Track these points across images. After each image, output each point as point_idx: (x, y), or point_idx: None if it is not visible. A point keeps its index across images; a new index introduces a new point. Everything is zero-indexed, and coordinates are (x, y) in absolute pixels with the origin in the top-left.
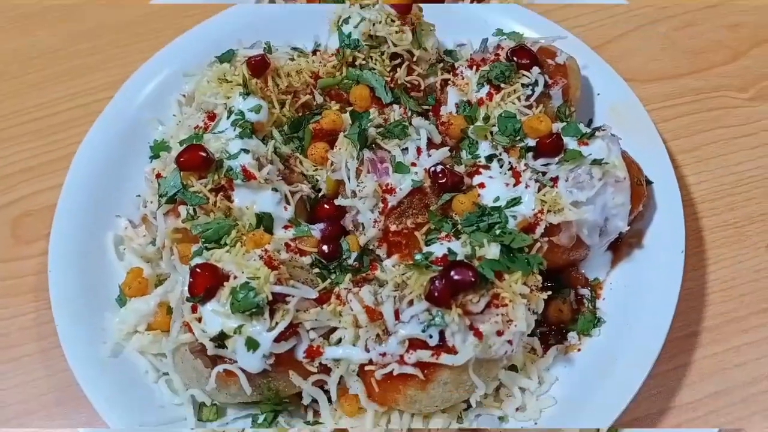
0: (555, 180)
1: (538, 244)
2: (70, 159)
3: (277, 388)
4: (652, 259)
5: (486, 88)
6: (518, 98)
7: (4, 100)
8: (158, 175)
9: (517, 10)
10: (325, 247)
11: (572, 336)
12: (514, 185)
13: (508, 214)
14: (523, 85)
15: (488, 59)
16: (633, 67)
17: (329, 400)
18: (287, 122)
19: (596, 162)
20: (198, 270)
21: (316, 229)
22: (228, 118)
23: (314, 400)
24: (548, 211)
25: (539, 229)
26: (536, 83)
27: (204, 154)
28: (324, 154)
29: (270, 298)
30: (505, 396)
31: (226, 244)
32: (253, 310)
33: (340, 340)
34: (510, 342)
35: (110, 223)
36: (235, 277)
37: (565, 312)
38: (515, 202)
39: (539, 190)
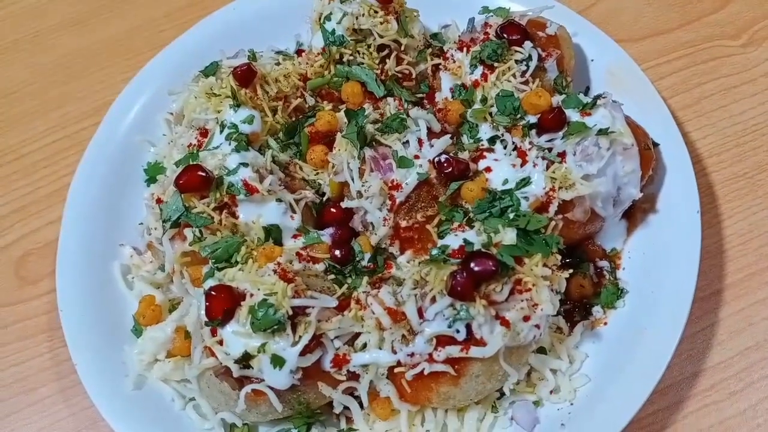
0: (562, 155)
1: (553, 223)
2: (64, 192)
3: (307, 401)
4: (668, 222)
5: (479, 69)
6: (513, 75)
7: None
8: (158, 200)
9: None
10: (337, 252)
11: (597, 310)
12: (522, 165)
13: (520, 195)
14: (516, 61)
15: (477, 39)
16: (622, 26)
17: (361, 405)
18: (282, 129)
19: (602, 132)
20: (213, 293)
21: (326, 235)
22: (221, 132)
23: (346, 408)
24: (560, 187)
25: (552, 208)
26: (530, 58)
27: (203, 174)
28: (323, 156)
29: (290, 312)
30: (537, 380)
31: (237, 262)
32: (275, 327)
33: (365, 345)
34: (538, 326)
35: (115, 252)
36: (252, 295)
37: (587, 287)
38: (525, 182)
39: (548, 167)
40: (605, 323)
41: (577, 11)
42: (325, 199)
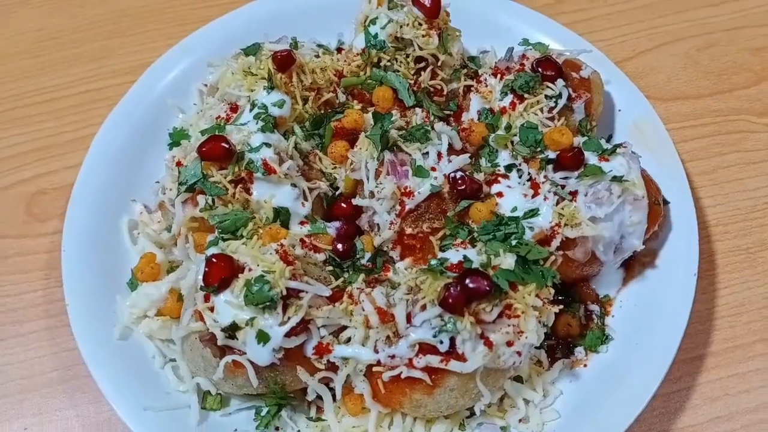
0: (574, 194)
1: (553, 258)
2: (86, 141)
3: (283, 382)
4: (665, 279)
5: (509, 98)
6: (541, 109)
7: (24, 78)
8: (178, 163)
9: (542, 20)
10: (339, 246)
11: (579, 351)
12: (533, 196)
13: (525, 225)
14: (546, 96)
15: (513, 68)
16: (655, 84)
17: (334, 398)
18: (309, 119)
19: (616, 179)
20: (214, 260)
21: (332, 227)
22: (251, 111)
23: (318, 397)
24: (565, 224)
25: (555, 242)
26: (560, 96)
27: (226, 146)
28: (344, 152)
29: (284, 292)
30: (508, 406)
31: (242, 236)
32: (267, 303)
33: (349, 339)
34: (519, 353)
35: (125, 207)
36: (250, 270)
37: (574, 326)
38: (533, 213)
39: (557, 203)
40: (585, 365)
41: (614, 61)
42: (337, 193)
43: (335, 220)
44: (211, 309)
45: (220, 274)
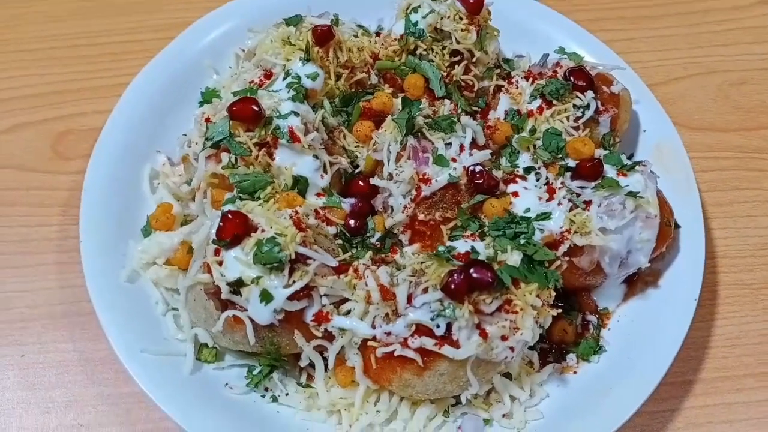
0: (588, 203)
1: (558, 262)
2: (118, 89)
3: (279, 344)
4: (665, 301)
5: (538, 102)
6: (567, 118)
7: (70, 20)
8: (207, 119)
9: (581, 33)
10: (352, 222)
11: (571, 358)
12: (547, 200)
13: (536, 226)
14: (574, 105)
15: (545, 74)
16: (682, 112)
17: (326, 367)
18: (339, 95)
19: (631, 194)
20: (229, 216)
21: (347, 203)
22: (284, 79)
23: (310, 365)
24: (575, 231)
25: (563, 248)
26: (588, 107)
27: (256, 108)
28: (369, 132)
29: (293, 256)
30: (494, 400)
31: (259, 198)
32: (275, 264)
33: (349, 312)
34: (512, 349)
35: (149, 156)
36: (263, 231)
37: (569, 333)
38: (545, 216)
39: (570, 209)
40: (575, 372)
41: (647, 83)
42: (356, 171)
43: (351, 196)
44: (220, 263)
45: (234, 230)
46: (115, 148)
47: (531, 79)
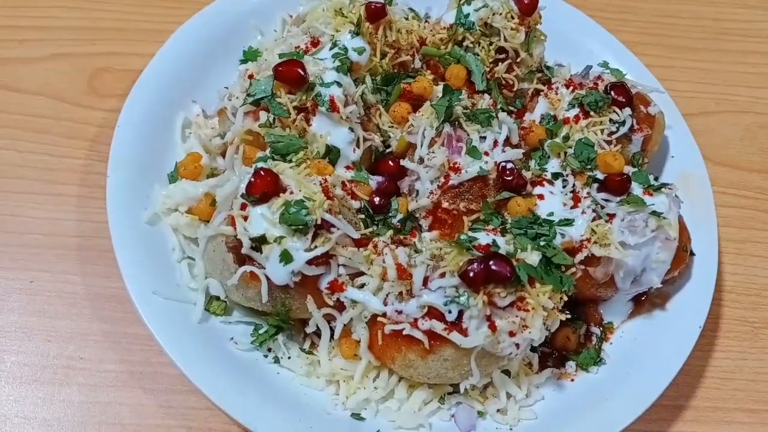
0: (611, 216)
1: (574, 269)
2: (162, 35)
3: (290, 307)
4: (669, 324)
5: (575, 110)
6: (602, 130)
7: None
8: (250, 76)
9: (625, 53)
10: (376, 199)
11: (570, 365)
12: (572, 207)
13: (558, 230)
14: (611, 120)
15: (586, 85)
16: (709, 145)
17: (331, 336)
18: (382, 74)
19: (655, 214)
20: (262, 173)
21: (374, 180)
22: (331, 49)
23: (316, 333)
24: (595, 242)
25: (580, 255)
26: (623, 123)
27: (301, 72)
28: (405, 114)
29: (318, 222)
30: (490, 395)
31: (291, 161)
32: (300, 227)
33: (363, 286)
34: (517, 346)
35: (185, 105)
36: (292, 193)
37: (572, 341)
38: (567, 222)
39: (593, 219)
40: (572, 379)
41: (682, 112)
42: (387, 150)
43: (379, 174)
44: (245, 218)
45: (265, 187)
46: (153, 91)
47: (571, 88)
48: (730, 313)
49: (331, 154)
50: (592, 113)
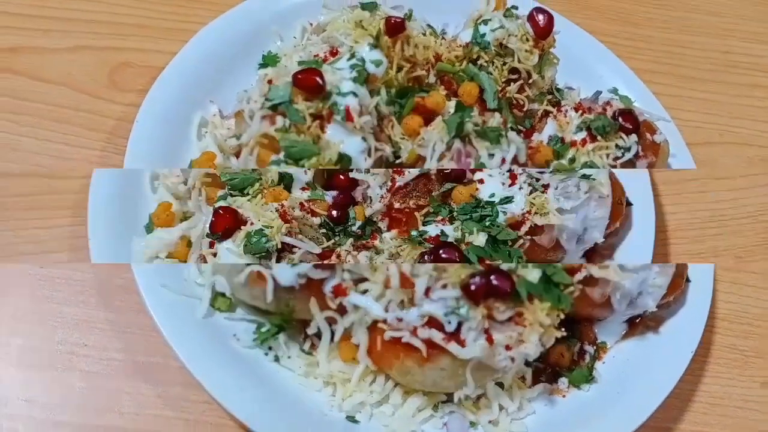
0: (546, 187)
1: (521, 241)
2: (184, 34)
3: (293, 307)
4: (662, 348)
5: (583, 134)
6: (607, 155)
7: None
8: (269, 81)
9: (633, 80)
10: (334, 212)
11: (563, 382)
12: (509, 185)
13: (500, 209)
14: (617, 145)
15: (595, 110)
16: (711, 175)
17: (331, 338)
18: (396, 86)
19: (585, 177)
20: (221, 211)
21: (329, 196)
22: (349, 60)
23: (316, 335)
24: (535, 213)
25: (524, 227)
26: (629, 149)
27: (319, 81)
28: (417, 127)
29: (279, 246)
30: (483, 406)
31: (248, 194)
32: (263, 254)
33: (365, 291)
34: (512, 359)
35: (203, 104)
36: (252, 224)
37: (566, 358)
38: (507, 200)
39: (530, 193)
40: (563, 395)
41: (686, 141)
42: (398, 161)
43: (334, 189)
44: (214, 255)
45: (225, 223)
46: (173, 89)
47: (580, 111)
48: (721, 340)
49: (344, 161)
50: (599, 137)
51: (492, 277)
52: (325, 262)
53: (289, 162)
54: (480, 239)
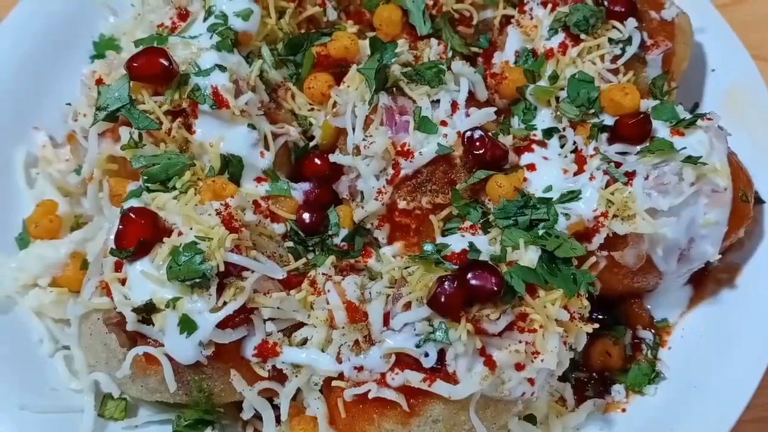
0: (631, 175)
1: (593, 259)
2: None
3: (210, 391)
4: (745, 305)
5: (560, 37)
6: (601, 57)
7: None
8: (99, 81)
9: None
10: (306, 215)
11: (618, 390)
12: (575, 174)
13: (560, 210)
14: (611, 40)
15: None
16: (764, 42)
17: (278, 419)
18: (283, 39)
19: (690, 160)
20: (132, 215)
21: (299, 190)
22: (205, 20)
23: (257, 416)
24: (614, 215)
25: (598, 239)
26: (629, 41)
27: (165, 63)
28: (326, 89)
29: (221, 268)
30: None
31: (174, 188)
32: (197, 280)
33: (305, 341)
34: (531, 381)
35: (25, 135)
36: (180, 234)
37: (615, 357)
38: (572, 196)
39: (607, 185)
40: (623, 409)
41: (716, 4)
42: (311, 144)
43: (305, 180)
44: (123, 281)
45: (139, 234)
46: None
47: (550, 6)
48: None
49: (231, 165)
50: (583, 36)
51: (468, 276)
52: (230, 312)
53: (150, 188)
54: (530, 257)
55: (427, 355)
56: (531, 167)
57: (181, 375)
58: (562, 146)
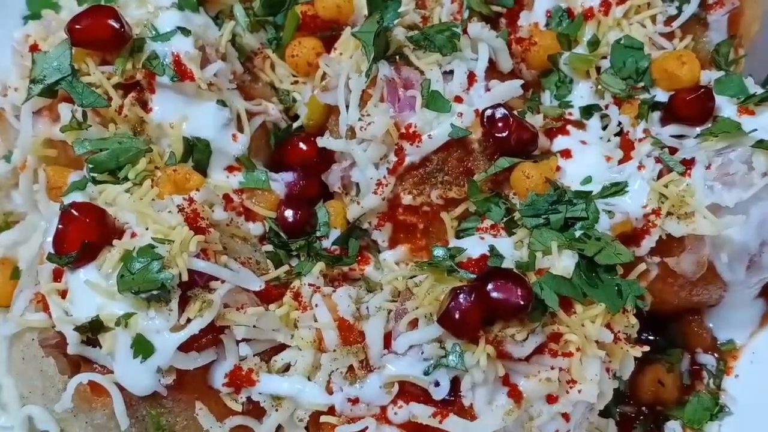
0: (689, 164)
1: (643, 266)
2: None
3: (171, 428)
4: None
5: None
6: (653, 18)
7: None
8: (34, 47)
9: None
10: (288, 213)
11: (673, 427)
12: (620, 162)
13: (601, 207)
14: None
15: None
16: None
17: None
18: None
19: (762, 145)
20: (74, 212)
21: (280, 181)
22: None
23: None
24: (668, 213)
25: (648, 242)
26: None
27: (115, 25)
28: (313, 56)
29: (185, 277)
30: None
31: (126, 179)
32: (154, 292)
33: (288, 367)
34: (566, 417)
35: None
36: (134, 235)
37: (669, 387)
38: (617, 189)
39: (659, 176)
40: None
41: None
42: (295, 125)
43: (287, 169)
44: (63, 294)
45: (83, 235)
46: None
47: None
48: None
49: (197, 151)
50: None
51: (489, 287)
52: (195, 331)
53: (98, 178)
54: (565, 264)
55: (437, 384)
56: (566, 154)
57: (135, 409)
58: (604, 128)
